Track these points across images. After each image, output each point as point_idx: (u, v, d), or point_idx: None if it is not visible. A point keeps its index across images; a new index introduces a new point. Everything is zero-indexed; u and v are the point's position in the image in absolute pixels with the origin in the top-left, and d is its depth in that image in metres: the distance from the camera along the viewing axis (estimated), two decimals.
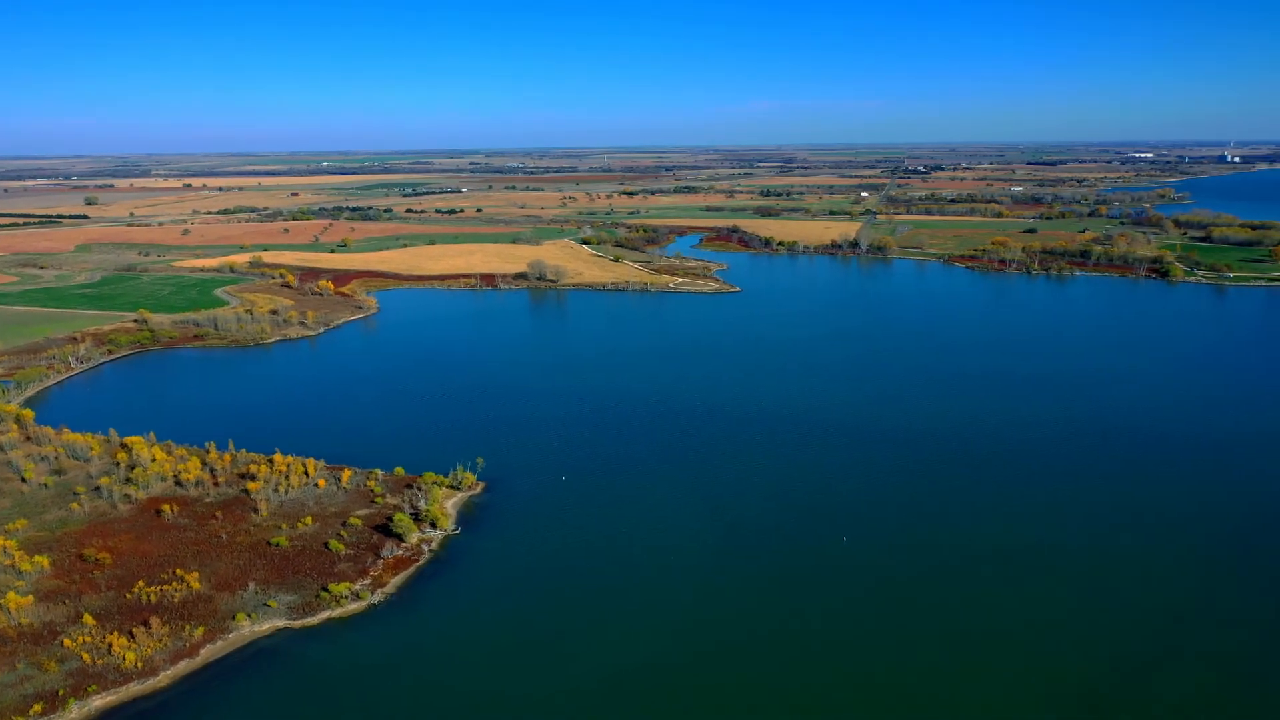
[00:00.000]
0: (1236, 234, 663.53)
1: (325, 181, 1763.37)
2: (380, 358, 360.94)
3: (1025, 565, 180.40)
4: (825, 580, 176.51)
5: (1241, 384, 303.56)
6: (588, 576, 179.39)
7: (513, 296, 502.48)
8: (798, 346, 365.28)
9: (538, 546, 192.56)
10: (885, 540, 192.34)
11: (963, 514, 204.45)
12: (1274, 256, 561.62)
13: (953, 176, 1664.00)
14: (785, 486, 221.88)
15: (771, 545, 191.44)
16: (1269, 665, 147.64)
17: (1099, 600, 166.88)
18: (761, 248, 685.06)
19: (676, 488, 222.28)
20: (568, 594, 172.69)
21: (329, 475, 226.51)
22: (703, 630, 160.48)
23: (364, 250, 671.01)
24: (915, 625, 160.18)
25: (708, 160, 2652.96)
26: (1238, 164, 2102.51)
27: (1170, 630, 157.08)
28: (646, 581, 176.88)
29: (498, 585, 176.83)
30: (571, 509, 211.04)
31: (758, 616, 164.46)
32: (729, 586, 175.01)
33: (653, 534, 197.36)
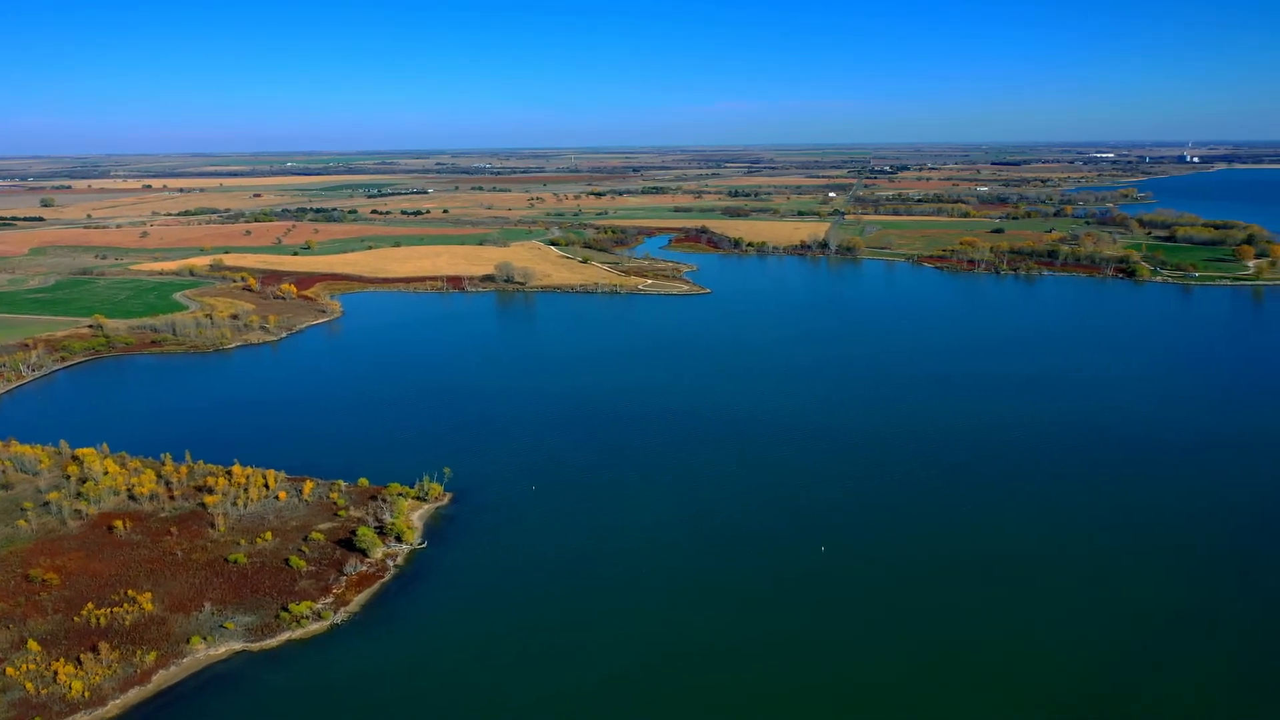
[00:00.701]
0: (1200, 233, 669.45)
1: (289, 182, 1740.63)
2: (344, 363, 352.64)
3: (1007, 571, 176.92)
4: (805, 590, 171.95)
5: (1218, 384, 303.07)
6: (559, 590, 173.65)
7: (480, 299, 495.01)
8: (770, 348, 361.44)
9: (507, 560, 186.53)
10: (864, 547, 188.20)
11: (942, 519, 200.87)
12: (1237, 256, 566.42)
13: (919, 176, 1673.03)
14: (761, 492, 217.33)
15: (749, 554, 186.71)
16: (1261, 671, 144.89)
17: (1084, 606, 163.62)
18: (731, 249, 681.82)
19: (650, 495, 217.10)
20: (539, 609, 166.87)
21: (290, 487, 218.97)
22: (680, 644, 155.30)
23: (328, 252, 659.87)
24: (897, 632, 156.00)
25: (675, 161, 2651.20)
26: (1197, 164, 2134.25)
27: (1159, 637, 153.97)
28: (620, 594, 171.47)
29: (466, 602, 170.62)
30: (542, 519, 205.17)
31: (736, 629, 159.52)
32: (706, 599, 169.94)
33: (626, 544, 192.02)
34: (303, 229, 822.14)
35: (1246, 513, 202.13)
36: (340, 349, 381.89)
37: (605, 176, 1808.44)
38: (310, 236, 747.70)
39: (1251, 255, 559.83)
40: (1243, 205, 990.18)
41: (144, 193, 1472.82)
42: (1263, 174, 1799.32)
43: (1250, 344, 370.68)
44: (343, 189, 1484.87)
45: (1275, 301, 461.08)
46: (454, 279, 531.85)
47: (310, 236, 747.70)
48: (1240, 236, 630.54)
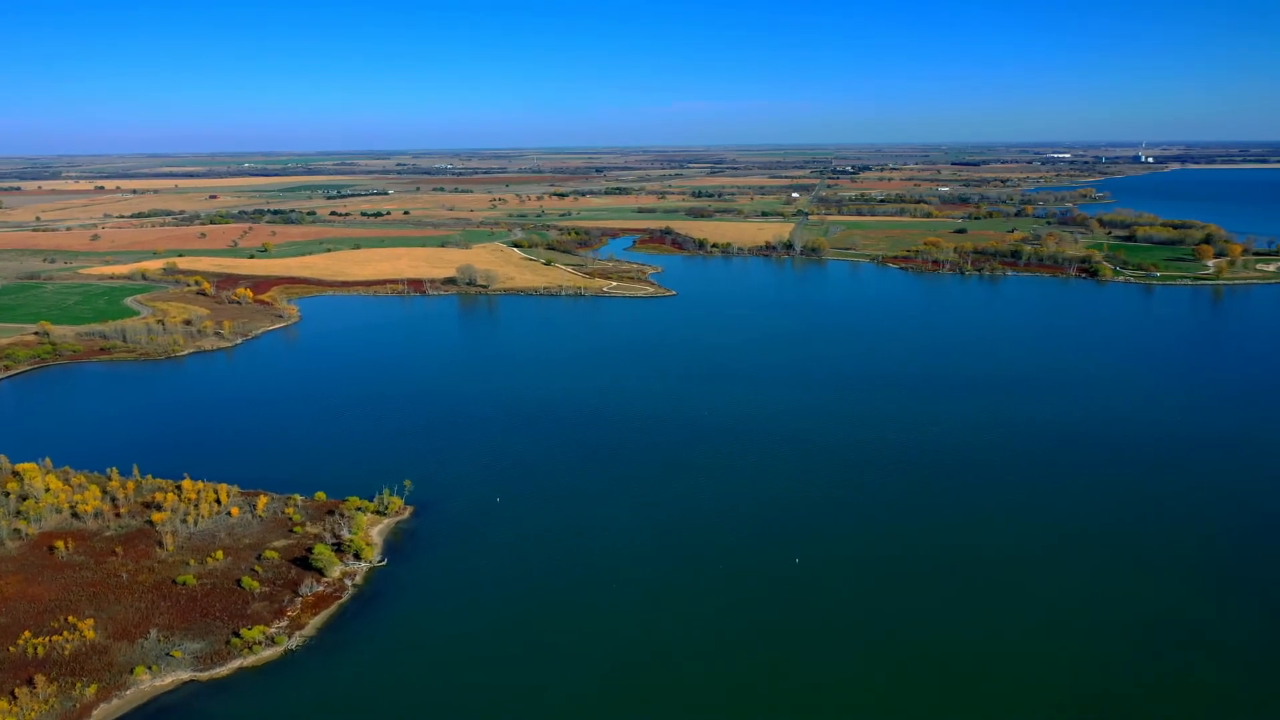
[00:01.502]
0: (1159, 233, 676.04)
1: (246, 184, 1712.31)
2: (301, 370, 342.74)
3: (987, 577, 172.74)
4: (781, 603, 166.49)
5: (1188, 385, 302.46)
6: (525, 609, 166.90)
7: (442, 303, 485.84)
8: (737, 351, 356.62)
9: (471, 577, 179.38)
10: (842, 557, 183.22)
11: (918, 525, 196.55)
12: (1197, 256, 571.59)
13: (881, 177, 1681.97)
14: (732, 499, 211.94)
15: (722, 566, 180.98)
16: (1249, 677, 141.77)
17: (1065, 612, 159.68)
18: (695, 250, 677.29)
19: (619, 505, 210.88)
20: (504, 630, 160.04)
21: (243, 502, 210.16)
22: (651, 664, 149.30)
23: (285, 255, 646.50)
24: (877, 643, 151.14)
25: (638, 161, 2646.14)
26: (1151, 164, 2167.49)
27: (1141, 642, 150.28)
28: (589, 612, 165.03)
29: (428, 623, 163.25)
30: (507, 532, 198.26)
31: (709, 647, 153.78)
32: (678, 615, 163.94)
33: (594, 557, 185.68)
34: (260, 231, 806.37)
35: (1224, 513, 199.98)
36: (298, 355, 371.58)
37: (568, 177, 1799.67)
38: (267, 239, 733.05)
39: (1211, 255, 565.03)
40: (1198, 205, 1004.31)
41: (96, 194, 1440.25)
42: (1215, 174, 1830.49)
43: (1216, 344, 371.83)
44: (301, 190, 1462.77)
45: (1235, 301, 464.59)
46: (415, 282, 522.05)
47: (267, 239, 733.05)
48: (1198, 236, 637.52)
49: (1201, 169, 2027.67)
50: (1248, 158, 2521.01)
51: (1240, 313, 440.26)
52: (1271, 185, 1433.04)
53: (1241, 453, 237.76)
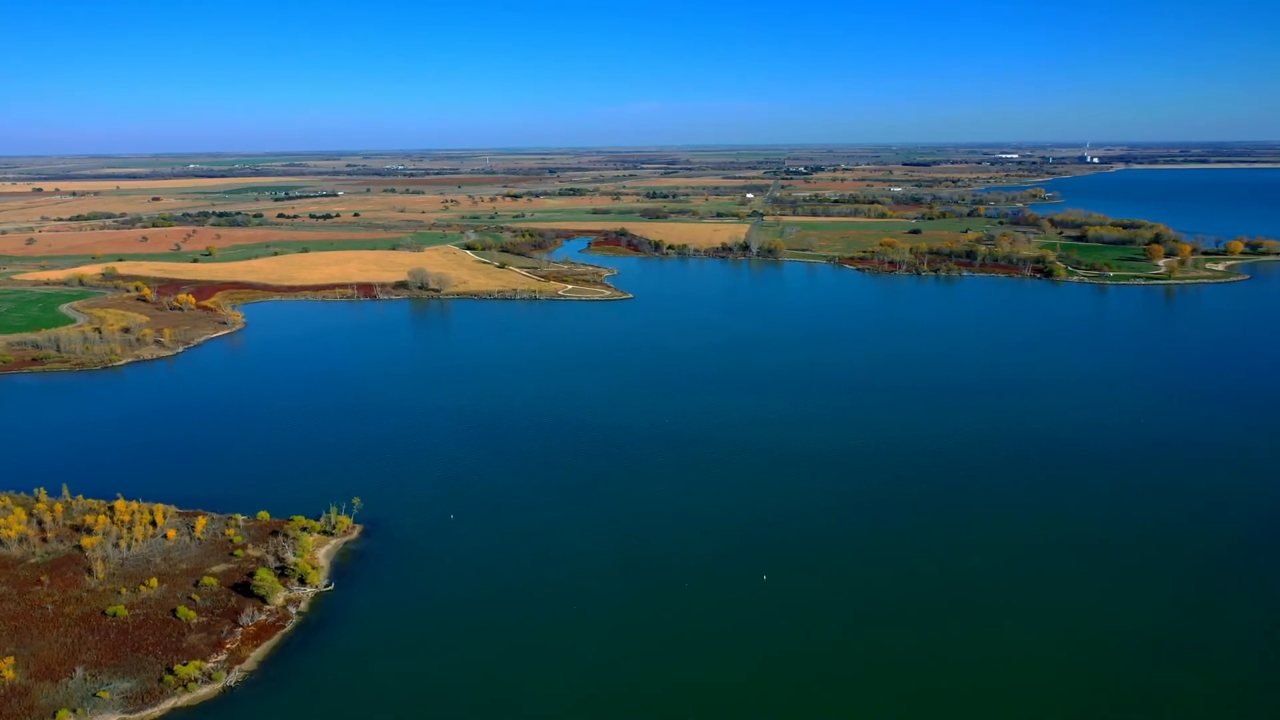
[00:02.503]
0: (1109, 233, 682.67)
1: (191, 185, 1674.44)
2: (245, 380, 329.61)
3: (968, 597, 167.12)
4: (746, 624, 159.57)
5: (1162, 388, 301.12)
6: (481, 636, 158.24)
7: (392, 308, 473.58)
8: (697, 356, 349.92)
9: (423, 601, 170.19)
10: (807, 574, 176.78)
11: (889, 540, 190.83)
12: (1148, 255, 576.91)
13: (834, 177, 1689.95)
14: (694, 513, 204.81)
15: (685, 585, 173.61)
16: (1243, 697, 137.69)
17: (1051, 633, 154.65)
18: (651, 251, 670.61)
19: (579, 521, 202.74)
20: (458, 659, 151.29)
21: (181, 523, 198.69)
22: (616, 692, 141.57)
23: (230, 259, 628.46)
24: (848, 664, 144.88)
25: (592, 162, 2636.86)
26: (1097, 164, 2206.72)
27: (1132, 665, 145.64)
28: (548, 640, 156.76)
29: (376, 653, 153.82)
30: (461, 552, 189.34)
31: (673, 668, 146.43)
32: (642, 639, 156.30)
33: (553, 577, 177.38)
34: (204, 234, 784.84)
35: (1211, 521, 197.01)
36: (241, 364, 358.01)
37: (521, 178, 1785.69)
38: (212, 242, 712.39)
39: (1161, 254, 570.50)
40: (1145, 204, 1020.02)
41: (33, 196, 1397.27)
42: (1159, 174, 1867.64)
43: (1177, 345, 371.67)
44: (248, 192, 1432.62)
45: (1187, 301, 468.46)
46: (365, 286, 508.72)
47: (212, 242, 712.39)
48: (1148, 236, 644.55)
49: (1145, 169, 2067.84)
50: (1188, 158, 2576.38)
51: (1194, 313, 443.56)
52: (1213, 185, 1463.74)
53: (1219, 458, 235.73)
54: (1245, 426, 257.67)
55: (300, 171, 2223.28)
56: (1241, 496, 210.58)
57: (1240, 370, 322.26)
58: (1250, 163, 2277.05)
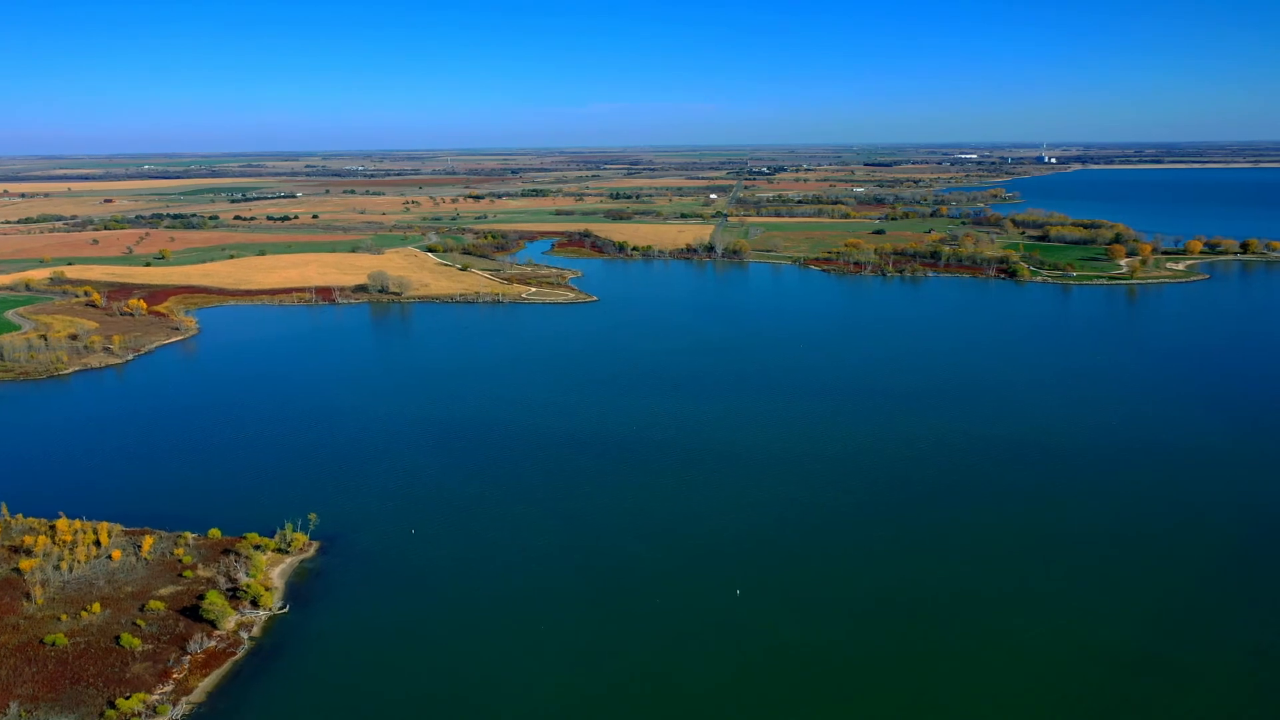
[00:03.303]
0: (1071, 233, 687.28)
1: (145, 186, 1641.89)
2: (198, 389, 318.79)
3: (944, 613, 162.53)
4: (719, 641, 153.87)
5: (1136, 391, 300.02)
6: (445, 654, 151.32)
7: (352, 312, 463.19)
8: (664, 360, 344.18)
9: (383, 622, 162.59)
10: (784, 588, 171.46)
11: (864, 551, 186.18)
12: (1109, 255, 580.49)
13: (796, 178, 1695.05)
14: (664, 524, 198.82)
15: (655, 599, 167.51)
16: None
17: (1033, 653, 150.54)
18: (616, 253, 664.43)
19: (545, 532, 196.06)
20: (421, 680, 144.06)
21: (127, 543, 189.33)
22: (584, 708, 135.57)
23: (185, 263, 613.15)
24: (823, 684, 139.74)
25: (554, 162, 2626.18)
26: (1054, 164, 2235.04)
27: (1113, 682, 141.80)
28: (515, 655, 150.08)
29: (334, 678, 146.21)
30: (423, 568, 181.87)
31: (646, 688, 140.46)
32: (613, 655, 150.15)
33: (518, 594, 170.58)
34: (158, 237, 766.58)
35: (1187, 528, 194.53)
36: (194, 372, 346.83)
37: (483, 179, 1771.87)
38: (165, 245, 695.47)
39: (1123, 254, 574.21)
40: (1103, 204, 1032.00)
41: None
42: (1115, 174, 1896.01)
43: (1146, 347, 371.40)
44: (204, 193, 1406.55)
45: (1150, 300, 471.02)
46: (323, 290, 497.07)
47: (165, 245, 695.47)
48: (1109, 235, 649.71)
49: (1101, 169, 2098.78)
50: (1142, 158, 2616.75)
51: (1159, 313, 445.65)
52: (1167, 185, 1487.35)
53: (1196, 460, 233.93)
54: (1219, 429, 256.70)
55: (258, 172, 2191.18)
56: (1221, 501, 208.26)
57: (1210, 371, 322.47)
58: (1202, 163, 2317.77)
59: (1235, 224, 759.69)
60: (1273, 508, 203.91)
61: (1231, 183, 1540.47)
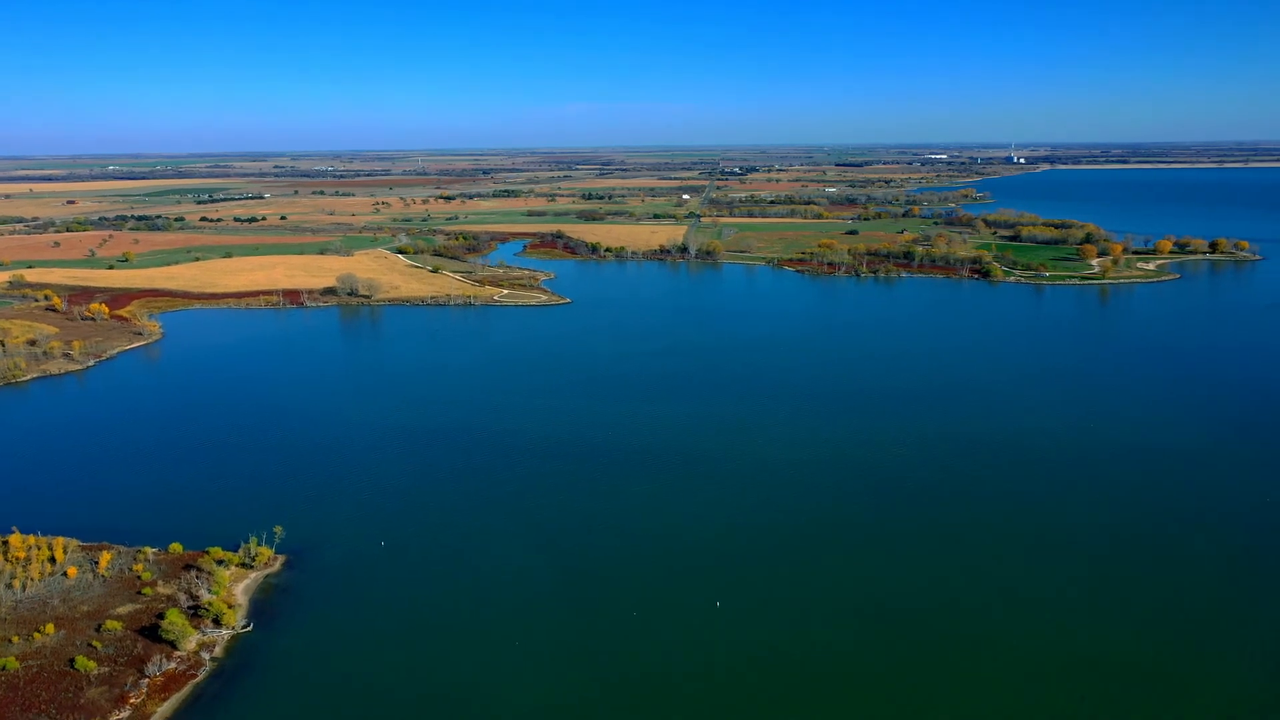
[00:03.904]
0: (1042, 233, 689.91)
1: (110, 188, 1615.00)
2: (160, 396, 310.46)
3: (930, 624, 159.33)
4: (701, 657, 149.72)
5: (1109, 391, 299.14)
6: (416, 673, 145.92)
7: (320, 315, 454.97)
8: (638, 363, 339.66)
9: (351, 640, 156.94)
10: (764, 600, 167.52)
11: (851, 560, 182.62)
12: (1081, 255, 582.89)
13: (768, 178, 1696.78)
14: (643, 532, 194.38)
15: (630, 613, 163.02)
16: None
17: (1022, 665, 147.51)
18: (589, 254, 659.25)
19: (519, 543, 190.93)
20: (391, 701, 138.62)
21: (84, 559, 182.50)
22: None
23: (149, 265, 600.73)
24: (806, 695, 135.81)
25: (526, 163, 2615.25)
26: (1023, 164, 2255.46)
27: (1097, 695, 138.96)
28: (489, 672, 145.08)
29: (299, 700, 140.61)
30: (393, 582, 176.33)
31: (624, 701, 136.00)
32: (589, 670, 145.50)
33: (491, 608, 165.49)
34: (121, 239, 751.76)
35: (1174, 529, 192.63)
36: (157, 378, 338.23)
37: (454, 179, 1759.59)
38: (129, 247, 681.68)
39: (1094, 254, 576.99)
40: (1073, 204, 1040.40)
41: None
42: (1083, 174, 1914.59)
43: (1119, 346, 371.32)
44: (170, 194, 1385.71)
45: (1123, 300, 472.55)
46: (291, 293, 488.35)
47: (129, 247, 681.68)
48: (1079, 235, 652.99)
49: (1069, 169, 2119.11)
50: (1109, 158, 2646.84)
51: (1133, 313, 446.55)
52: (1134, 185, 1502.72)
53: (1177, 462, 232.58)
54: (1198, 429, 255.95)
55: (225, 173, 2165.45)
56: (1208, 502, 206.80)
57: (1187, 371, 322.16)
58: (1167, 163, 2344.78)
59: (1202, 223, 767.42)
60: (1257, 509, 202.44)
61: (1196, 183, 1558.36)
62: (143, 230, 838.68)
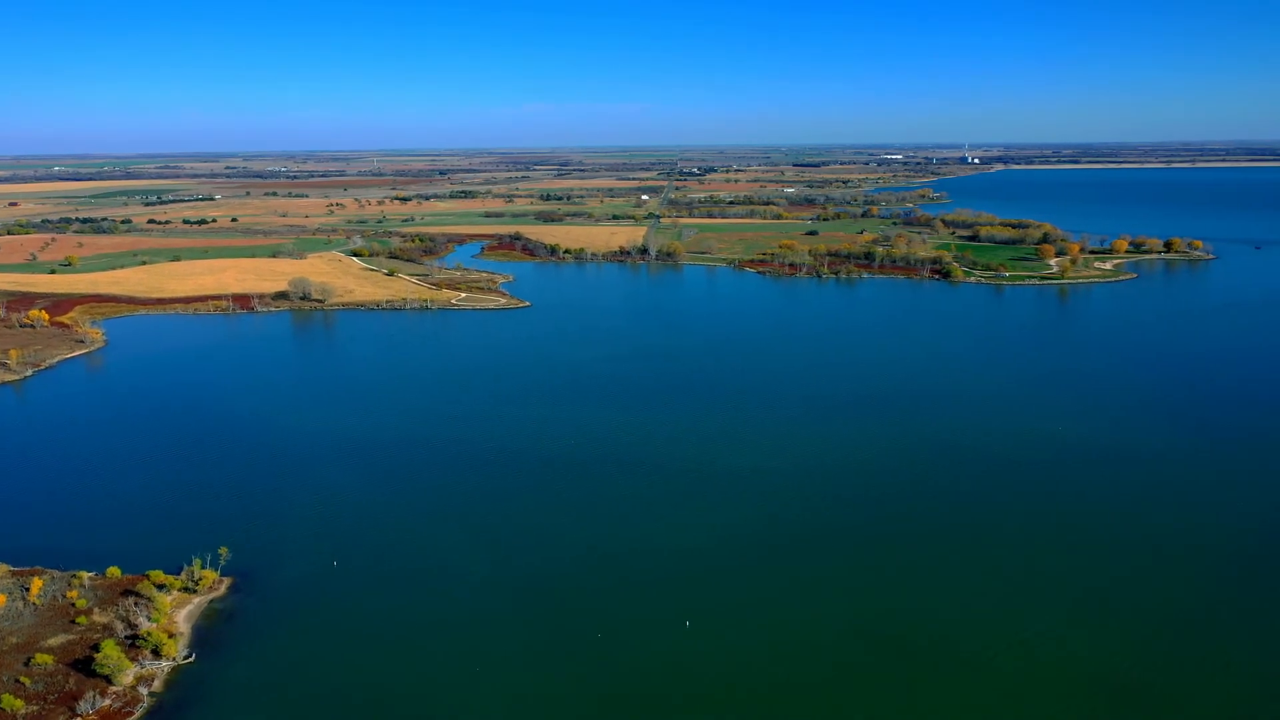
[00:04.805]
0: (1000, 233, 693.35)
1: (55, 189, 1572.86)
2: (101, 408, 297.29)
3: (910, 644, 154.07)
4: (670, 672, 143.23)
5: (1080, 392, 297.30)
6: (371, 703, 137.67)
7: (272, 321, 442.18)
8: (599, 368, 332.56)
9: (303, 668, 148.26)
10: (735, 620, 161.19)
11: (827, 576, 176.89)
12: (1039, 255, 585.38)
13: (727, 178, 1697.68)
14: (605, 547, 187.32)
15: (595, 632, 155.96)
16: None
17: (1013, 685, 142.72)
18: (548, 256, 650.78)
19: (479, 560, 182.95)
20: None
21: (14, 585, 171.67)
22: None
23: (93, 269, 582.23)
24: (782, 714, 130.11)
25: (483, 163, 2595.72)
26: (978, 164, 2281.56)
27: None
28: (450, 699, 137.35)
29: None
30: (347, 605, 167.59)
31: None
32: (555, 693, 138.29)
33: (452, 632, 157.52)
34: (65, 242, 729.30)
35: (1157, 540, 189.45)
36: (98, 389, 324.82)
37: (411, 180, 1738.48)
38: (73, 251, 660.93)
39: (1052, 254, 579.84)
40: (1028, 204, 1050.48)
41: None
42: (1037, 174, 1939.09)
43: (1084, 346, 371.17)
44: (117, 196, 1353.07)
45: (1081, 300, 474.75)
46: (241, 298, 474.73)
47: (73, 251, 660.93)
48: (1037, 235, 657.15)
49: (1023, 169, 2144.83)
50: (1061, 159, 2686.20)
51: (1093, 313, 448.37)
52: (1087, 184, 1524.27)
53: (1154, 467, 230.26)
54: (1169, 431, 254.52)
55: (175, 174, 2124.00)
56: (1188, 510, 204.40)
57: (1154, 374, 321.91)
58: (1117, 163, 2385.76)
59: (1155, 222, 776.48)
60: (1236, 515, 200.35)
61: (1146, 182, 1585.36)
62: (87, 233, 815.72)
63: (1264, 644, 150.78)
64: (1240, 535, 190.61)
